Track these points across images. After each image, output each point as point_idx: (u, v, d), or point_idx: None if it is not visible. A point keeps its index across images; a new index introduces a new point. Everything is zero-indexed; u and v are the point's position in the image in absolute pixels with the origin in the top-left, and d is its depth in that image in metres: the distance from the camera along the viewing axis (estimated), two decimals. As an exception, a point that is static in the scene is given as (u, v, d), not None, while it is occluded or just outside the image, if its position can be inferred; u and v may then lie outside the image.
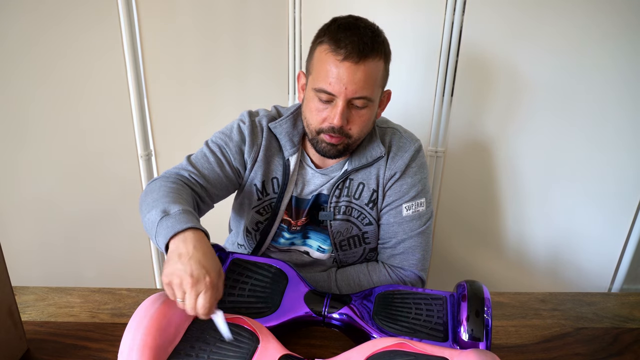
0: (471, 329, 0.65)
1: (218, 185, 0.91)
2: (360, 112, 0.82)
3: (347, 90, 0.78)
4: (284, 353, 0.63)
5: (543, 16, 1.19)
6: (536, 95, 1.27)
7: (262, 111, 0.95)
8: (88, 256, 1.41)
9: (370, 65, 0.79)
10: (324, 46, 0.80)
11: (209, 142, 0.93)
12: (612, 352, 0.78)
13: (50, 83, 1.21)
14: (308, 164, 0.94)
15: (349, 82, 0.78)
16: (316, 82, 0.81)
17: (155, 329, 0.61)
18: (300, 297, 0.76)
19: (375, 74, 0.80)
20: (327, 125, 0.83)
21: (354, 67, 0.77)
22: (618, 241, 1.34)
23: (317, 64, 0.82)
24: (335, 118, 0.80)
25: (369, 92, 0.80)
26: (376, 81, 0.81)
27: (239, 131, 0.92)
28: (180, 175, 0.88)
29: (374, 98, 0.82)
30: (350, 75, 0.78)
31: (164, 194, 0.78)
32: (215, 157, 0.91)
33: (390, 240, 0.93)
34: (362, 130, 0.85)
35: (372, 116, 0.85)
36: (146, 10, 1.24)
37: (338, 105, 0.80)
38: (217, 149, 0.91)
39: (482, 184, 1.40)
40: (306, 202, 0.94)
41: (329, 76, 0.79)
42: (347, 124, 0.83)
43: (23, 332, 0.75)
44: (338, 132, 0.82)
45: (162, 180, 0.85)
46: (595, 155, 1.28)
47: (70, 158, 1.29)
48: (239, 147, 0.92)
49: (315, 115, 0.84)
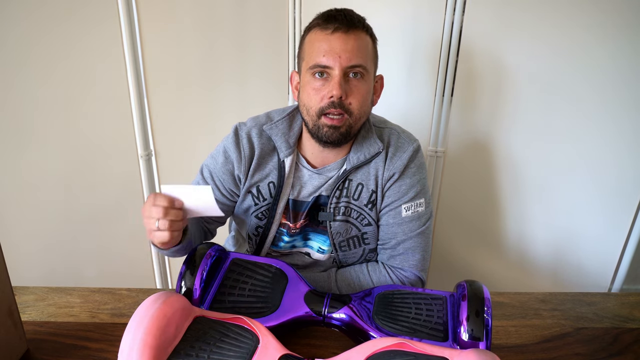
0: (471, 329, 0.65)
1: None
2: (358, 84, 0.83)
3: (342, 58, 0.80)
4: (284, 353, 0.63)
5: (543, 16, 1.20)
6: (536, 95, 1.27)
7: (250, 121, 0.95)
8: (88, 256, 1.41)
9: (360, 36, 0.82)
10: (312, 30, 0.84)
11: (202, 167, 0.97)
12: (612, 352, 0.78)
13: (51, 84, 1.21)
14: (304, 165, 0.93)
15: (342, 50, 0.80)
16: (310, 61, 0.83)
17: (155, 328, 0.61)
18: (300, 297, 0.76)
19: (365, 46, 0.84)
20: (327, 101, 0.83)
21: (345, 37, 0.81)
22: (618, 241, 1.34)
23: (308, 47, 0.85)
24: (334, 89, 0.81)
25: (363, 60, 0.82)
26: (368, 53, 0.84)
27: (223, 152, 0.93)
28: None
29: (368, 68, 0.84)
30: (342, 45, 0.81)
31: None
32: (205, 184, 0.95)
33: (390, 241, 0.93)
34: (362, 105, 0.85)
35: (369, 90, 0.86)
36: (146, 11, 1.24)
37: (335, 76, 0.81)
38: (208, 174, 0.95)
39: (482, 184, 1.40)
40: (305, 205, 0.94)
41: (322, 50, 0.81)
42: (347, 97, 0.83)
43: (23, 332, 0.75)
44: (339, 105, 0.82)
45: None
46: (595, 155, 1.28)
47: (70, 158, 1.29)
48: (226, 168, 0.93)
49: (314, 96, 0.84)
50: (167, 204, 0.70)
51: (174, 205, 0.72)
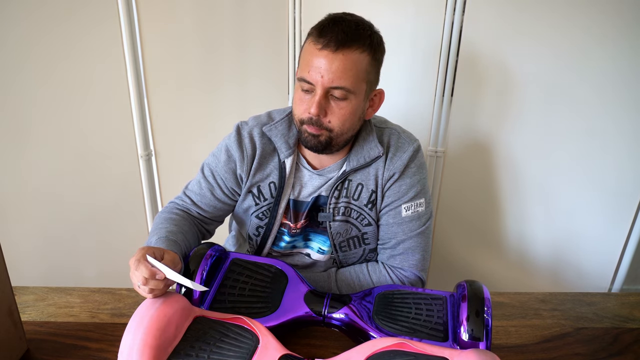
0: (471, 329, 0.65)
1: (212, 210, 0.96)
2: (340, 105, 0.82)
3: (324, 79, 0.79)
4: (284, 353, 0.63)
5: (543, 16, 1.19)
6: (536, 96, 1.27)
7: (251, 120, 0.95)
8: (88, 256, 1.41)
9: (350, 56, 0.78)
10: (309, 38, 0.82)
11: (204, 165, 0.96)
12: (612, 352, 0.78)
13: (52, 84, 1.21)
14: (304, 165, 0.93)
15: (326, 70, 0.78)
16: (299, 72, 0.83)
17: (155, 328, 0.61)
18: (300, 297, 0.76)
19: (356, 66, 0.79)
20: (307, 115, 0.83)
21: (332, 56, 0.78)
22: (618, 241, 1.34)
23: (302, 56, 0.84)
24: (313, 107, 0.81)
25: (348, 82, 0.79)
26: (358, 73, 0.80)
27: (226, 150, 0.93)
28: (178, 205, 0.97)
29: (354, 90, 0.81)
30: (327, 64, 0.78)
31: (155, 227, 0.88)
32: (207, 184, 0.95)
33: (390, 240, 0.93)
34: (344, 124, 0.83)
35: (354, 110, 0.83)
36: (146, 11, 1.24)
37: (316, 94, 0.81)
38: (210, 173, 0.95)
39: (482, 184, 1.40)
40: (305, 205, 0.94)
41: (308, 65, 0.80)
42: (325, 116, 0.82)
43: (23, 332, 0.75)
44: (316, 123, 0.82)
45: (161, 212, 0.95)
46: (595, 155, 1.28)
47: (70, 158, 1.29)
48: (229, 167, 0.92)
49: (298, 106, 0.85)
50: (147, 276, 0.67)
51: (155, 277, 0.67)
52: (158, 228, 0.86)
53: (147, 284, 0.67)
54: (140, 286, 0.68)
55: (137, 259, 0.68)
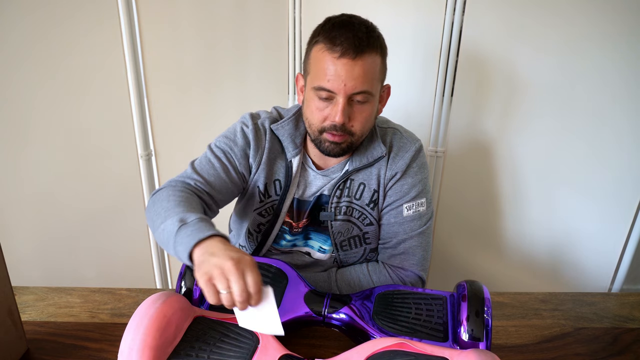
0: (471, 329, 0.65)
1: (224, 191, 0.90)
2: (362, 108, 0.82)
3: (347, 86, 0.78)
4: (284, 353, 0.63)
5: (543, 16, 1.20)
6: (536, 96, 1.27)
7: (262, 113, 0.95)
8: (88, 256, 1.41)
9: (368, 60, 0.79)
10: (319, 45, 0.80)
11: (213, 146, 0.92)
12: (612, 352, 0.78)
13: (52, 84, 1.21)
14: (309, 165, 0.93)
15: (348, 78, 0.78)
16: (315, 81, 0.81)
17: (155, 328, 0.61)
18: (300, 297, 0.76)
19: (373, 69, 0.80)
20: (329, 123, 0.82)
21: (352, 63, 0.78)
22: (618, 241, 1.34)
23: (314, 64, 0.82)
24: (337, 116, 0.80)
25: (369, 86, 0.80)
26: (375, 75, 0.81)
27: (243, 135, 0.91)
28: (187, 183, 0.87)
29: (374, 92, 0.82)
30: (348, 72, 0.78)
31: (175, 204, 0.76)
32: (220, 163, 0.90)
33: (391, 240, 0.93)
34: (365, 126, 0.84)
35: (373, 111, 0.85)
36: (146, 11, 1.24)
37: (339, 102, 0.80)
38: (222, 154, 0.91)
39: (482, 184, 1.40)
40: (307, 204, 0.94)
41: (327, 74, 0.79)
42: (349, 121, 0.82)
43: (23, 332, 0.75)
44: (340, 129, 0.82)
45: (169, 189, 0.83)
46: (595, 155, 1.28)
47: (70, 158, 1.29)
48: (244, 151, 0.91)
49: (317, 115, 0.83)
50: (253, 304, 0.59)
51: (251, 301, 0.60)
52: (183, 204, 0.76)
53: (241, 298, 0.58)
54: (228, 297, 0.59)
55: (258, 281, 0.59)
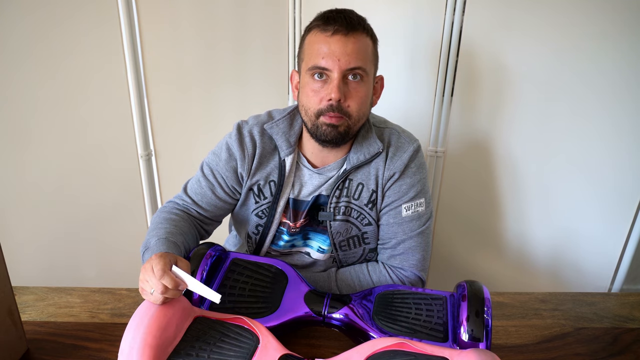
0: (471, 329, 0.65)
1: (213, 209, 0.96)
2: (357, 87, 0.83)
3: (341, 62, 0.80)
4: (284, 353, 0.63)
5: (543, 16, 1.19)
6: (536, 95, 1.27)
7: (251, 119, 0.95)
8: (88, 256, 1.41)
9: (360, 38, 0.82)
10: (312, 31, 0.84)
11: (203, 164, 0.96)
12: (612, 352, 0.78)
13: (52, 84, 1.21)
14: (304, 164, 0.93)
15: (342, 53, 0.80)
16: (309, 62, 0.83)
17: (155, 328, 0.61)
18: (300, 297, 0.76)
19: (365, 48, 0.83)
20: (326, 103, 0.83)
21: (344, 39, 0.80)
22: (618, 241, 1.34)
23: (307, 48, 0.85)
24: (333, 92, 0.81)
25: (362, 62, 0.82)
26: (367, 55, 0.84)
27: (227, 149, 0.93)
28: (178, 204, 0.96)
29: (368, 70, 0.84)
30: (341, 47, 0.80)
31: (154, 227, 0.87)
32: (207, 182, 0.94)
33: (390, 240, 0.93)
34: (360, 108, 0.85)
35: (368, 94, 0.86)
36: (146, 11, 1.24)
37: (333, 79, 0.81)
38: (209, 172, 0.94)
39: (482, 184, 1.40)
40: (305, 204, 0.94)
41: (321, 52, 0.81)
42: (345, 101, 0.83)
43: (23, 332, 0.75)
44: (337, 109, 0.83)
45: (160, 212, 0.93)
46: (595, 155, 1.28)
47: (70, 158, 1.29)
48: (230, 165, 0.92)
49: (313, 97, 0.84)
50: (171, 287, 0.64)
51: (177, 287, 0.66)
52: (157, 228, 0.86)
53: (166, 293, 0.64)
54: (155, 294, 0.64)
55: (162, 268, 0.64)
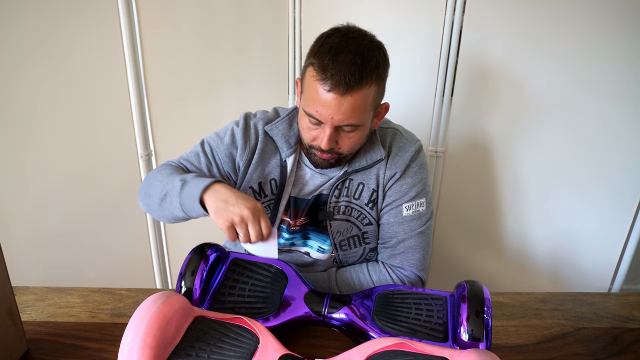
0: (471, 329, 0.65)
1: None
2: (350, 135, 0.83)
3: (334, 119, 0.79)
4: (284, 353, 0.63)
5: (543, 17, 1.20)
6: (536, 96, 1.27)
7: (259, 113, 0.96)
8: (88, 256, 1.41)
9: (358, 95, 0.77)
10: (313, 70, 0.79)
11: (204, 141, 0.96)
12: (612, 352, 0.78)
13: (51, 84, 1.21)
14: (306, 164, 0.94)
15: (335, 112, 0.78)
16: (305, 105, 0.82)
17: (155, 328, 0.61)
18: (300, 297, 0.76)
19: (363, 102, 0.79)
20: (317, 144, 0.84)
21: (340, 99, 0.77)
22: (618, 241, 1.34)
23: (306, 86, 0.82)
24: (323, 142, 0.82)
25: (357, 119, 0.80)
26: (365, 108, 0.80)
27: (231, 134, 0.93)
28: (171, 162, 0.96)
29: (363, 122, 0.82)
30: (336, 106, 0.77)
31: (170, 173, 0.87)
32: (205, 158, 0.94)
33: (390, 240, 0.93)
34: (353, 147, 0.86)
35: (363, 135, 0.86)
36: (146, 11, 1.24)
37: (326, 130, 0.81)
38: (209, 150, 0.94)
39: (482, 184, 1.40)
40: (305, 203, 0.94)
41: (316, 104, 0.79)
42: (337, 145, 0.84)
43: (23, 332, 0.75)
44: (327, 152, 0.84)
45: (161, 167, 0.92)
46: (595, 155, 1.28)
47: (70, 158, 1.29)
48: (229, 151, 0.92)
49: (306, 133, 0.86)
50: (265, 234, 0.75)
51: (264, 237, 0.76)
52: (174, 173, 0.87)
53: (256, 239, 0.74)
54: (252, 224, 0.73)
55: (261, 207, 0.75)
